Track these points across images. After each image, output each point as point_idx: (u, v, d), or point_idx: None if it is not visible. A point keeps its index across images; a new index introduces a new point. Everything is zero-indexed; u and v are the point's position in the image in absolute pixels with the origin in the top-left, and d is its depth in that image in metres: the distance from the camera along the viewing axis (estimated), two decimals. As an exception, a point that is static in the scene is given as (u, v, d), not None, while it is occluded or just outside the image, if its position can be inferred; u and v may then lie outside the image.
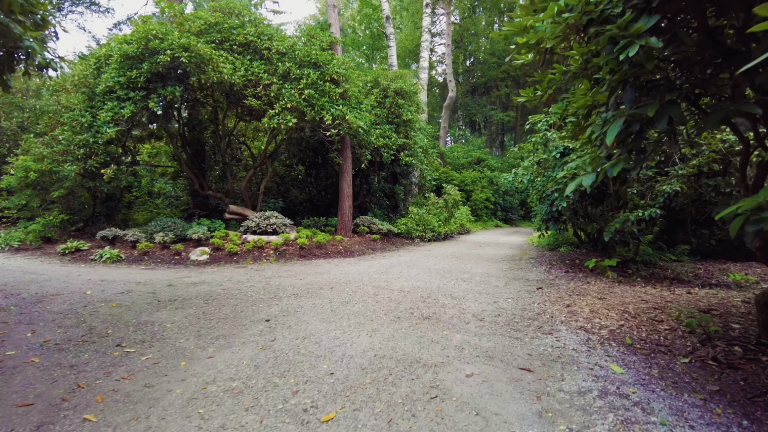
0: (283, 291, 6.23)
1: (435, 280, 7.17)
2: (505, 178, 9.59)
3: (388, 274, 7.71)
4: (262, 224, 10.16)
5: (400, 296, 5.90)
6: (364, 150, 12.31)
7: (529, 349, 3.96)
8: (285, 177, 16.06)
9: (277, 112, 9.85)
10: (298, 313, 5.07)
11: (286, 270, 8.09)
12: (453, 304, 5.50)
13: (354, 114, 10.46)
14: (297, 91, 9.97)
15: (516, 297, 5.98)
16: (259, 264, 8.81)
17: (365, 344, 4.02)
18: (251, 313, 5.11)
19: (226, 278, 7.28)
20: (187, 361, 3.64)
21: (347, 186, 11.75)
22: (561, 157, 7.27)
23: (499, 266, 8.79)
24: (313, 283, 6.77)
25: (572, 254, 10.67)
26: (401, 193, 16.05)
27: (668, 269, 8.15)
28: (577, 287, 6.55)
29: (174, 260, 9.02)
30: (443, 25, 30.55)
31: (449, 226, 15.17)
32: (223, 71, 9.39)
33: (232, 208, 11.20)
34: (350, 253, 10.29)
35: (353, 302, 5.54)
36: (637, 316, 4.90)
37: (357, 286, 6.59)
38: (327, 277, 7.38)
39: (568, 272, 7.83)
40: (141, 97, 9.08)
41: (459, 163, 25.17)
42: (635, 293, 6.08)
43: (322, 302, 5.55)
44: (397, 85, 13.80)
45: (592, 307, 5.36)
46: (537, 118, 8.22)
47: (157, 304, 5.53)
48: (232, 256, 9.30)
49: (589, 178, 2.47)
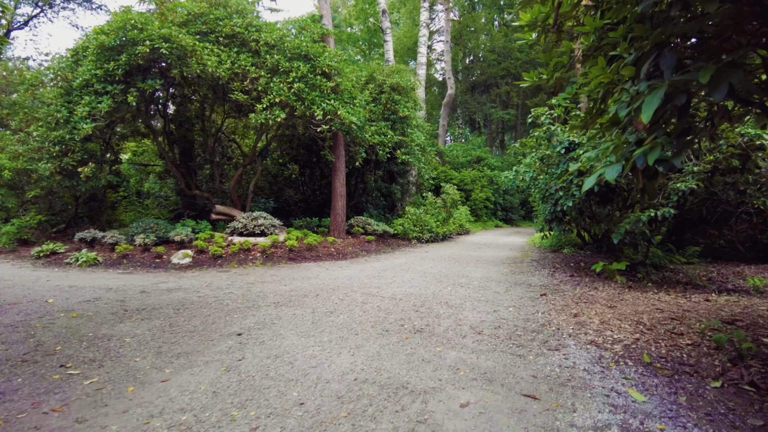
0: (263, 299, 5.71)
1: (430, 285, 6.65)
2: (506, 177, 9.08)
3: (380, 278, 7.19)
4: (249, 225, 9.65)
5: (391, 305, 5.38)
6: (359, 147, 11.79)
7: (534, 369, 3.44)
8: (278, 176, 15.55)
9: (265, 107, 9.33)
10: (275, 325, 4.55)
11: (271, 274, 7.57)
12: (449, 314, 4.98)
13: (347, 109, 9.94)
14: (286, 85, 9.45)
15: (518, 305, 5.46)
16: (243, 268, 8.29)
17: (346, 364, 3.50)
18: (223, 325, 4.59)
19: (205, 284, 6.76)
20: (137, 386, 3.12)
21: (340, 185, 11.23)
22: (566, 153, 6.75)
23: (500, 270, 8.27)
24: (298, 290, 6.25)
25: (576, 256, 10.15)
26: (398, 192, 15.53)
27: (680, 272, 7.63)
28: (584, 294, 6.03)
29: (154, 264, 8.51)
30: (442, 22, 30.03)
31: (448, 227, 14.65)
32: (207, 64, 8.87)
33: (219, 209, 10.69)
34: (342, 256, 9.77)
35: (338, 312, 5.02)
36: (653, 328, 4.38)
37: (345, 292, 6.07)
38: (314, 282, 6.86)
39: (573, 276, 7.31)
40: (119, 91, 8.57)
41: (458, 162, 24.65)
42: (648, 300, 5.55)
43: (303, 312, 5.03)
44: (394, 81, 13.27)
45: (602, 316, 4.84)
46: (540, 111, 7.70)
47: (122, 314, 5.01)
48: (216, 259, 8.79)
49: (613, 170, 1.96)
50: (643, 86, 1.83)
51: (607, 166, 2.02)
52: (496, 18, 34.14)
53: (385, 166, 15.42)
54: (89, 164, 9.03)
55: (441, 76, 37.20)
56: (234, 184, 11.45)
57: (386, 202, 16.38)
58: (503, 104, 32.87)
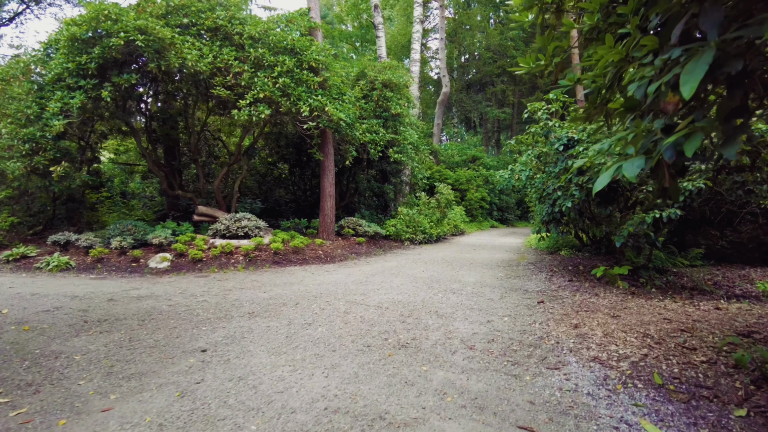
0: (238, 308, 5.27)
1: (420, 292, 6.22)
2: (501, 176, 8.68)
3: (367, 284, 6.76)
4: (232, 227, 9.19)
5: (376, 315, 4.95)
6: (349, 146, 11.36)
7: (532, 393, 3.03)
8: (267, 176, 15.09)
9: (248, 103, 8.89)
10: (245, 340, 4.11)
11: (252, 280, 7.13)
12: (438, 325, 4.56)
13: (335, 105, 9.50)
14: (271, 80, 9.01)
15: (513, 314, 5.04)
16: (224, 272, 7.84)
17: (317, 389, 3.07)
18: (189, 339, 4.15)
19: (179, 290, 6.31)
20: (71, 418, 2.68)
21: (329, 185, 10.79)
22: (564, 150, 6.34)
23: (494, 273, 7.86)
24: (277, 298, 5.81)
25: (574, 258, 9.75)
26: (391, 192, 15.11)
27: (684, 276, 7.25)
28: (585, 301, 5.62)
29: (130, 268, 8.05)
30: (437, 20, 29.64)
31: (442, 228, 14.24)
32: (188, 57, 8.42)
33: (202, 210, 10.23)
34: (330, 259, 9.33)
35: (317, 324, 4.58)
36: (662, 342, 3.97)
37: (327, 300, 5.63)
38: (296, 289, 6.42)
39: (572, 281, 6.90)
40: (93, 86, 8.10)
41: (453, 161, 24.25)
42: (654, 309, 5.15)
43: (278, 324, 4.59)
44: (386, 77, 12.85)
45: (606, 328, 4.43)
46: (536, 105, 7.29)
47: (80, 326, 4.56)
48: (196, 263, 8.33)
49: (633, 165, 1.53)
50: (676, 52, 1.42)
51: (624, 160, 1.60)
52: (492, 16, 33.76)
53: (378, 166, 14.99)
54: (62, 163, 8.54)
55: (436, 75, 36.80)
56: (219, 183, 10.99)
57: (379, 203, 15.95)
58: (499, 103, 32.50)
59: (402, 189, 15.76)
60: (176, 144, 12.78)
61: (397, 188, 15.52)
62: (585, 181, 5.75)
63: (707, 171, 5.33)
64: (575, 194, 5.88)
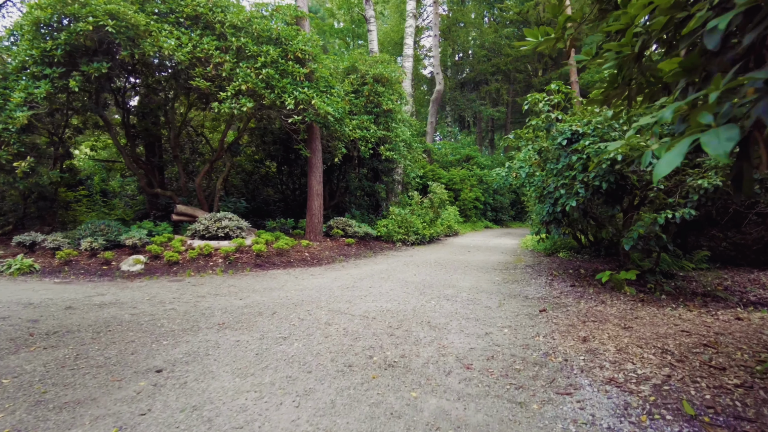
0: (207, 318, 4.73)
1: (411, 298, 5.71)
2: (498, 174, 8.20)
3: (354, 290, 6.23)
4: (211, 227, 8.63)
5: (362, 326, 4.43)
6: (338, 142, 10.84)
7: (541, 427, 2.53)
8: (253, 174, 14.50)
9: (229, 96, 8.33)
10: (209, 357, 3.58)
11: (229, 285, 6.58)
12: (431, 339, 4.05)
13: (322, 99, 8.97)
14: (254, 71, 8.46)
15: (514, 325, 4.55)
16: (200, 276, 7.28)
17: (285, 423, 2.55)
18: (145, 355, 3.61)
19: (148, 297, 5.75)
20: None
21: (317, 183, 10.25)
22: (568, 145, 5.85)
23: (491, 277, 7.38)
24: (254, 306, 5.27)
25: (573, 261, 9.30)
26: (383, 191, 14.59)
27: (693, 281, 6.81)
28: (591, 309, 5.14)
29: (100, 271, 7.47)
30: (431, 17, 29.20)
31: (435, 228, 13.74)
32: (164, 46, 7.85)
33: (181, 209, 9.65)
34: (317, 261, 8.80)
35: (293, 338, 4.06)
36: (684, 359, 3.49)
37: (308, 309, 5.10)
38: (276, 295, 5.88)
39: (575, 286, 6.43)
40: (60, 75, 7.50)
41: (447, 160, 23.78)
42: (668, 319, 4.68)
43: (250, 338, 4.06)
44: (377, 71, 12.32)
45: (618, 342, 3.94)
46: (537, 97, 6.79)
47: (23, 340, 4.00)
48: (171, 266, 7.76)
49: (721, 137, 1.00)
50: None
51: (702, 133, 1.11)
52: (486, 14, 33.36)
53: (369, 164, 14.47)
54: (27, 158, 7.93)
55: (429, 74, 36.35)
56: (200, 181, 10.41)
57: (370, 202, 15.43)
58: (493, 102, 32.09)
59: (394, 188, 15.24)
60: (158, 140, 12.18)
61: (388, 187, 15.00)
62: (591, 178, 5.28)
63: (724, 168, 4.88)
64: (580, 192, 5.40)
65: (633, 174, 5.29)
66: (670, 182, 5.41)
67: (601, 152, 5.06)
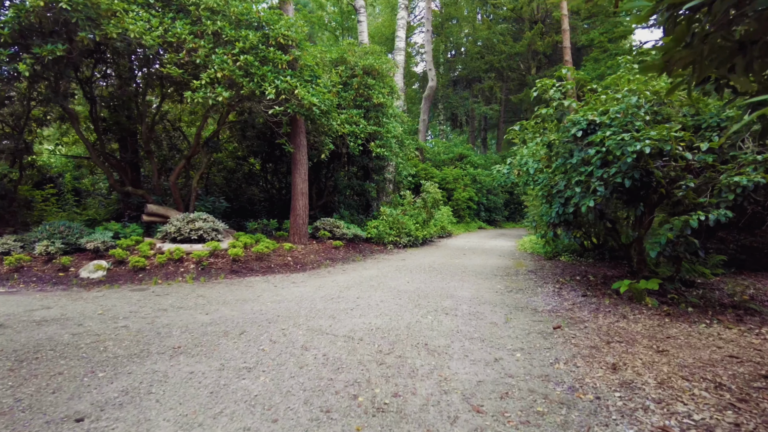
0: (163, 339, 3.96)
1: (405, 312, 4.98)
2: (498, 171, 7.51)
3: (339, 301, 5.49)
4: (184, 229, 7.83)
5: (345, 351, 3.69)
6: (325, 137, 10.08)
7: None
8: (235, 171, 13.67)
9: (203, 84, 7.55)
10: (151, 397, 2.82)
11: (198, 295, 5.80)
12: (429, 368, 3.33)
13: (307, 89, 8.21)
14: (231, 58, 7.68)
15: (527, 347, 3.84)
16: (168, 284, 6.49)
17: None
18: (69, 395, 2.84)
19: (101, 310, 4.96)
20: None
21: (301, 181, 9.47)
22: (582, 137, 5.16)
23: (492, 285, 6.68)
24: (221, 322, 4.51)
25: (577, 265, 8.66)
26: (373, 191, 13.84)
27: (715, 289, 6.17)
28: (613, 326, 4.46)
29: (56, 279, 6.65)
30: (423, 11, 28.52)
31: (428, 229, 13.03)
32: (129, 28, 7.04)
33: (152, 208, 8.82)
34: (301, 267, 8.03)
35: (260, 368, 3.30)
36: (747, 398, 2.81)
37: (283, 327, 4.35)
38: (249, 308, 5.12)
39: (588, 296, 5.75)
40: (8, 57, 6.66)
41: (439, 159, 23.08)
42: (706, 339, 4.01)
43: (207, 368, 3.30)
44: (367, 62, 11.59)
45: (656, 371, 3.25)
46: (546, 83, 6.07)
47: (-77, 373, 3.21)
48: (137, 272, 6.96)
49: None
50: None
51: None
52: (479, 10, 32.73)
53: (359, 162, 13.72)
54: (-27, 152, 7.07)
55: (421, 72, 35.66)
56: (175, 179, 9.59)
57: (360, 202, 14.68)
58: (486, 100, 31.46)
59: (385, 187, 14.50)
60: (131, 135, 11.30)
61: (379, 186, 14.25)
62: (611, 174, 4.59)
63: (765, 162, 4.23)
64: (599, 191, 4.71)
65: (658, 170, 4.62)
66: (698, 179, 4.74)
67: (625, 144, 4.38)
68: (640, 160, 4.45)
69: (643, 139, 4.31)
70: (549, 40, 26.50)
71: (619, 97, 5.14)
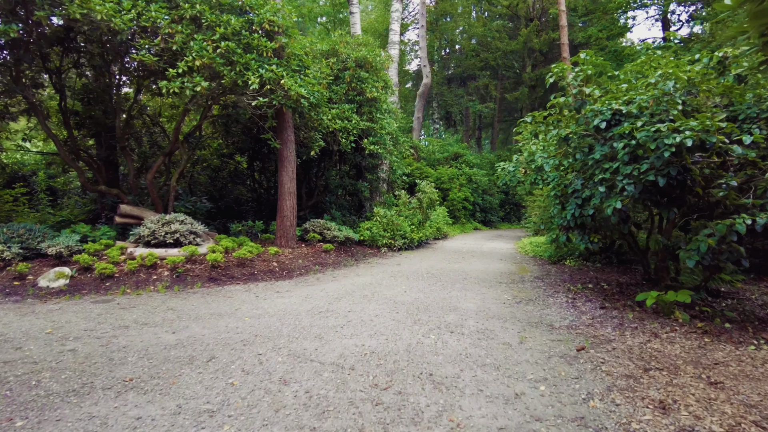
0: (114, 367, 3.28)
1: (404, 330, 4.34)
2: (504, 169, 6.90)
3: (328, 316, 4.83)
4: (158, 232, 7.12)
5: (333, 386, 3.03)
6: (314, 133, 9.41)
7: None
8: (221, 170, 12.94)
9: (180, 73, 6.87)
10: (72, 463, 2.15)
11: (168, 308, 5.11)
12: (437, 410, 2.69)
13: (294, 79, 7.55)
14: (211, 44, 7.00)
15: (550, 376, 3.21)
16: (137, 295, 5.79)
17: None
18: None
19: (50, 328, 4.26)
20: None
21: (289, 180, 8.78)
22: (607, 129, 4.53)
23: (498, 294, 6.06)
24: (188, 344, 3.83)
25: (585, 271, 8.08)
26: (366, 190, 13.17)
27: (743, 299, 5.60)
28: (645, 347, 3.84)
29: (9, 288, 5.92)
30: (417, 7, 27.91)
31: (424, 231, 12.40)
32: (96, 9, 6.34)
33: (125, 209, 8.10)
34: (287, 273, 7.35)
35: (225, 411, 2.64)
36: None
37: (260, 352, 3.68)
38: (223, 325, 4.44)
39: (607, 309, 5.15)
40: (-43, 40, 5.94)
41: (434, 158, 22.44)
42: (761, 365, 3.41)
43: (160, 412, 2.62)
44: (360, 54, 10.93)
45: (719, 411, 2.64)
46: (564, 67, 5.42)
47: None
48: (104, 280, 6.25)
49: None
50: None
51: None
52: (474, 7, 32.18)
53: (351, 160, 13.07)
54: None
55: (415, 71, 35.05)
56: (152, 177, 8.86)
57: (352, 202, 14.02)
58: (481, 98, 30.90)
59: (379, 187, 13.85)
60: (108, 130, 10.54)
61: (373, 186, 13.59)
62: (642, 171, 3.98)
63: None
64: (628, 190, 4.10)
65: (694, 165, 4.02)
66: (738, 176, 4.15)
67: (661, 136, 3.77)
68: (679, 155, 3.85)
69: (683, 129, 3.71)
70: (545, 37, 26.02)
71: (650, 82, 4.51)
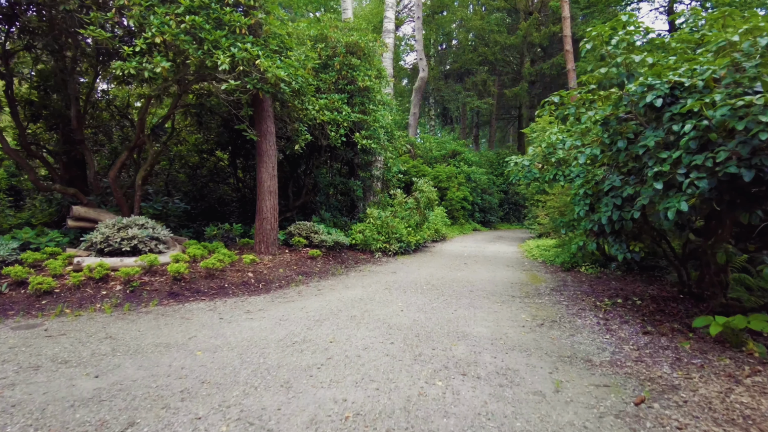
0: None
1: (401, 373, 3.33)
2: (518, 163, 5.93)
3: (303, 350, 3.80)
4: (113, 238, 6.08)
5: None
6: (299, 125, 8.38)
7: None
8: (199, 167, 11.88)
9: (137, 51, 5.84)
10: None
11: (106, 335, 4.07)
12: None
13: (273, 60, 6.52)
14: (174, 19, 5.97)
15: (614, 457, 2.22)
16: (75, 317, 4.74)
17: None
18: None
19: (-68, 373, 3.22)
20: None
21: (269, 177, 7.72)
22: (662, 108, 3.53)
23: (514, 313, 5.07)
24: (107, 398, 2.80)
25: (605, 280, 7.13)
26: (359, 189, 12.15)
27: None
28: (727, 400, 2.86)
29: None
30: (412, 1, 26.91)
31: (422, 233, 11.41)
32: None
33: (78, 212, 7.04)
34: (263, 286, 6.32)
35: None
36: None
37: (201, 413, 2.65)
38: (167, 364, 3.41)
39: (650, 333, 4.17)
40: None
41: (431, 155, 21.42)
42: None
43: None
44: (351, 39, 9.92)
45: None
46: (605, 29, 4.37)
47: None
48: (41, 297, 5.20)
49: None
50: None
51: None
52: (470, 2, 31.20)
53: (343, 156, 12.04)
54: None
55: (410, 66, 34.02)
56: (115, 175, 7.81)
57: (344, 202, 13.00)
58: (479, 94, 29.93)
59: (372, 186, 12.83)
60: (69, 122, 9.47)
61: (366, 184, 12.57)
62: (720, 161, 2.98)
63: None
64: (699, 186, 3.10)
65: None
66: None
67: (755, 113, 2.77)
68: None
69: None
70: (546, 31, 25.10)
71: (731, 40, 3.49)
